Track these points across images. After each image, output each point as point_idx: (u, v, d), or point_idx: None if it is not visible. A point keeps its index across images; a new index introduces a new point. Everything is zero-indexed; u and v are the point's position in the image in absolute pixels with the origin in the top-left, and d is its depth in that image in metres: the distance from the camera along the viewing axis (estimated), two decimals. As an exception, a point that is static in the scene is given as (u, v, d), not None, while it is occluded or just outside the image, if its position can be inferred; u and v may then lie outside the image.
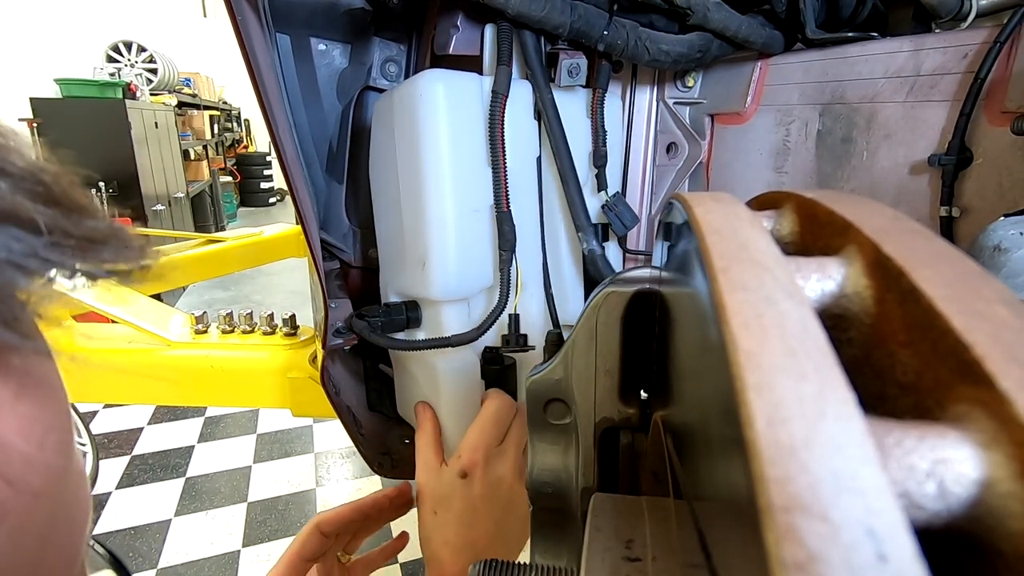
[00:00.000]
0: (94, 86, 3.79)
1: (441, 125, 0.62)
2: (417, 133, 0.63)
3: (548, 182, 0.74)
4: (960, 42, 0.57)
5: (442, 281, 0.66)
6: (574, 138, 0.71)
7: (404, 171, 0.67)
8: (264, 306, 3.60)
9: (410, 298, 0.72)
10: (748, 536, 0.11)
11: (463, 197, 0.65)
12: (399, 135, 0.66)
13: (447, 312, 0.69)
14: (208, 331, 1.07)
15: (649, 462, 0.33)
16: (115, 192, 3.66)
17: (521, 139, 0.70)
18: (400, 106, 0.65)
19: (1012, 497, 0.11)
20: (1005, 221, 0.45)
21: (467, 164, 0.65)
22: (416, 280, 0.68)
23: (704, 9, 0.69)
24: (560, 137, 0.69)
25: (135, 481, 2.19)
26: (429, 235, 0.65)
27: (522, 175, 0.71)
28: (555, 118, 0.69)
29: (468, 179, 0.65)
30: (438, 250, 0.65)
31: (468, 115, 0.65)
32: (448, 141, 0.63)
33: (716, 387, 0.14)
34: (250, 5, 0.55)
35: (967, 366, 0.13)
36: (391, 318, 0.70)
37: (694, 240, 0.19)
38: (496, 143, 0.65)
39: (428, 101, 0.61)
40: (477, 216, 0.67)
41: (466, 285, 0.68)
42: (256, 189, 7.84)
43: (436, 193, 0.64)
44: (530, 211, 0.73)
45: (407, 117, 0.64)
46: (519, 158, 0.70)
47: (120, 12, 5.50)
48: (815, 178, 0.73)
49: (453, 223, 0.65)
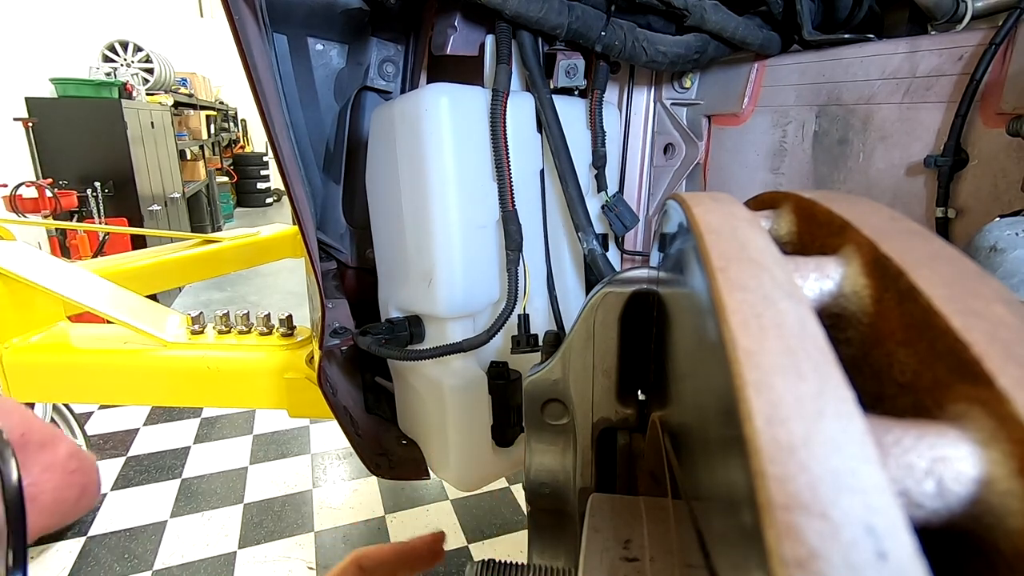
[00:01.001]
0: (90, 86, 3.78)
1: (446, 140, 0.61)
2: (421, 148, 0.62)
3: (550, 192, 0.74)
4: (956, 44, 0.57)
5: (448, 298, 0.65)
6: (573, 140, 0.71)
7: (407, 186, 0.66)
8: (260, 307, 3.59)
9: (412, 313, 0.72)
10: (748, 534, 0.11)
11: (469, 213, 0.64)
12: (401, 149, 0.66)
13: (452, 327, 0.68)
14: (204, 332, 1.06)
15: (647, 462, 0.33)
16: (111, 192, 3.65)
17: (524, 151, 0.70)
18: (402, 120, 0.64)
19: (1010, 495, 0.11)
20: (1001, 222, 0.45)
21: (473, 179, 0.64)
22: (420, 296, 0.67)
23: (701, 10, 0.69)
24: (559, 137, 0.69)
25: (130, 482, 2.18)
26: (435, 252, 0.64)
27: (526, 186, 0.71)
28: (553, 118, 0.68)
29: (474, 195, 0.65)
30: (444, 267, 0.64)
31: (473, 129, 0.64)
32: (453, 156, 0.62)
33: (715, 386, 0.14)
34: (247, 5, 0.55)
35: (965, 365, 0.13)
36: (395, 334, 0.70)
37: (692, 240, 0.19)
38: (499, 142, 0.64)
39: (432, 116, 0.61)
40: (483, 232, 0.66)
41: (473, 301, 0.68)
42: (253, 189, 7.82)
43: (441, 209, 0.63)
44: (534, 222, 0.73)
45: (410, 131, 0.63)
46: (522, 170, 0.69)
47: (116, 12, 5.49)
48: (811, 179, 0.73)
49: (459, 240, 0.64)
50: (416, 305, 0.70)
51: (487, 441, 0.74)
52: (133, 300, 1.07)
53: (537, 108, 0.69)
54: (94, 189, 3.54)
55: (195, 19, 7.34)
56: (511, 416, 0.73)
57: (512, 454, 0.77)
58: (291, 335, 1.05)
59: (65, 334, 1.05)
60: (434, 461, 0.79)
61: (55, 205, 3.14)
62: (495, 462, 0.76)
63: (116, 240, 3.34)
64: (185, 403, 1.08)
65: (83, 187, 3.52)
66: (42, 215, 3.11)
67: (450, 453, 0.72)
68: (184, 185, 5.01)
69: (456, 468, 0.74)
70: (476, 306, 0.69)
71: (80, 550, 1.80)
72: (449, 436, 0.71)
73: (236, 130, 8.09)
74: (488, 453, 0.74)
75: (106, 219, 3.57)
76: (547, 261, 0.74)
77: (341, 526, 1.97)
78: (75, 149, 3.62)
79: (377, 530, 1.93)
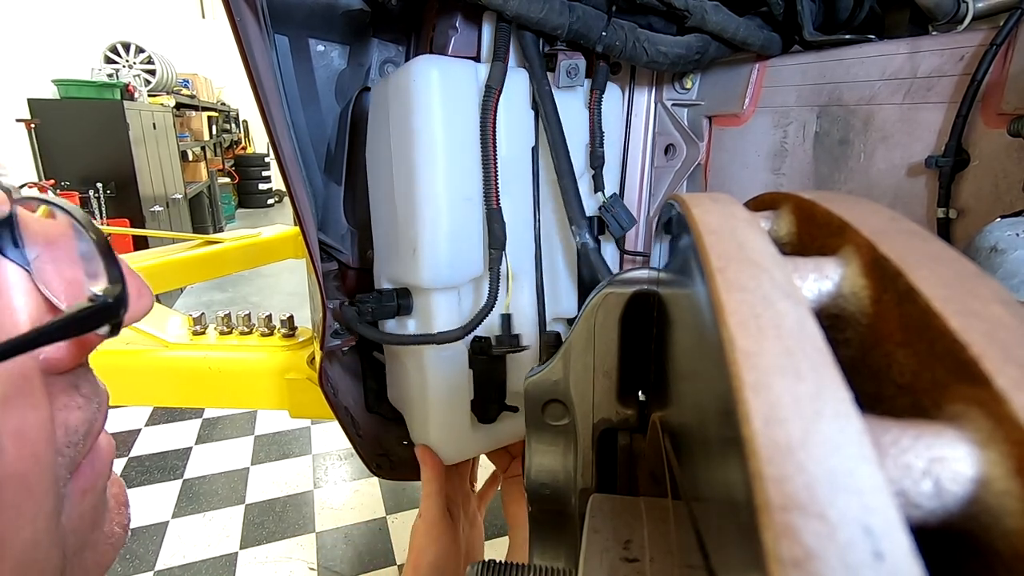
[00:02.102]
0: (92, 87, 3.79)
1: (435, 111, 0.62)
2: (411, 118, 0.62)
3: (543, 176, 0.74)
4: (957, 44, 0.57)
5: (432, 268, 0.66)
6: (572, 136, 0.71)
7: (397, 157, 0.67)
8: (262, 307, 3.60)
9: (402, 285, 0.72)
10: (745, 535, 0.11)
11: (456, 184, 0.65)
12: (393, 121, 0.66)
13: (437, 301, 0.69)
14: (206, 332, 1.06)
15: (647, 463, 0.33)
16: (113, 193, 3.66)
17: (516, 128, 0.70)
18: (394, 92, 0.65)
19: (1008, 495, 0.11)
20: (1002, 222, 0.45)
21: (461, 151, 0.65)
22: (407, 267, 0.68)
23: (702, 11, 0.69)
24: (557, 130, 0.69)
25: (132, 483, 2.19)
26: (421, 221, 0.65)
27: (517, 164, 0.71)
28: (552, 111, 0.68)
29: (461, 166, 0.65)
30: (429, 237, 0.65)
31: (463, 102, 0.64)
32: (442, 127, 0.62)
33: (714, 387, 0.14)
34: (248, 6, 0.55)
35: (964, 365, 0.13)
36: (382, 304, 0.70)
37: (692, 240, 0.19)
38: (487, 139, 0.64)
39: (422, 86, 0.61)
40: (469, 204, 0.67)
41: (457, 273, 0.68)
42: (254, 190, 7.83)
43: (428, 179, 0.63)
44: (524, 202, 0.73)
45: (401, 102, 0.64)
46: (514, 147, 0.70)
47: (118, 13, 5.50)
48: (812, 180, 0.73)
49: (445, 210, 0.64)
50: (403, 276, 0.70)
51: (466, 414, 0.75)
52: (135, 301, 1.07)
53: (534, 98, 0.69)
54: (96, 190, 3.55)
55: (197, 20, 7.36)
56: (492, 393, 0.74)
57: (492, 432, 0.78)
58: (292, 336, 1.05)
59: (67, 335, 1.05)
60: (415, 431, 0.80)
61: (57, 206, 3.15)
62: (475, 438, 0.77)
63: (118, 241, 3.35)
64: (187, 404, 1.08)
65: (85, 188, 3.53)
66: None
67: (429, 423, 0.74)
68: (186, 186, 5.02)
69: (434, 438, 0.75)
70: (460, 278, 0.69)
71: (82, 550, 1.81)
72: (428, 405, 0.72)
73: (238, 131, 8.11)
74: (467, 427, 0.75)
75: (108, 220, 3.58)
76: (537, 251, 0.74)
77: (342, 527, 1.97)
78: (77, 150, 3.63)
79: (378, 531, 1.94)
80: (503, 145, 0.67)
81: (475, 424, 0.76)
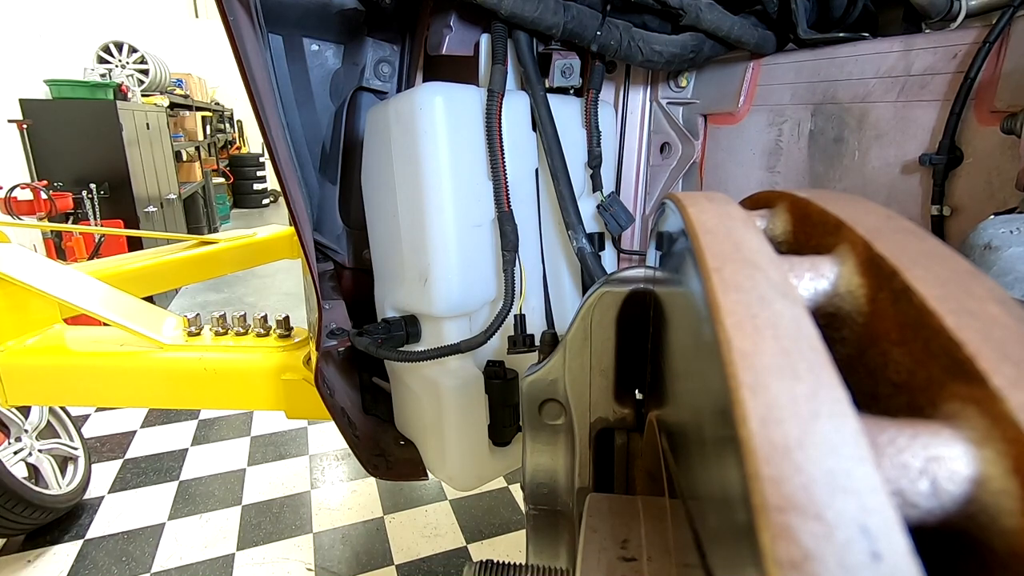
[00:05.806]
0: (85, 87, 3.77)
1: (440, 139, 0.61)
2: (416, 148, 0.62)
3: (544, 192, 0.74)
4: (950, 42, 0.57)
5: (445, 297, 0.65)
6: (568, 140, 0.71)
7: (403, 185, 0.66)
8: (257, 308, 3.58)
9: (408, 313, 0.72)
10: (743, 535, 0.11)
11: (464, 212, 0.64)
12: (396, 149, 0.66)
13: (448, 327, 0.68)
14: (201, 333, 1.06)
15: (644, 462, 0.33)
16: (106, 194, 3.63)
17: (520, 151, 0.70)
18: (397, 119, 0.64)
19: (1005, 494, 0.11)
20: (995, 219, 0.45)
21: (468, 179, 0.64)
22: (416, 296, 0.67)
23: (696, 10, 0.69)
24: (552, 136, 0.69)
25: (128, 485, 2.17)
26: (431, 251, 0.64)
27: (521, 186, 0.71)
28: (547, 115, 0.68)
29: (469, 194, 0.65)
30: (440, 266, 0.64)
31: (468, 128, 0.64)
32: (448, 156, 0.62)
33: (710, 387, 0.14)
34: (242, 5, 0.55)
35: (959, 364, 0.13)
36: (391, 333, 0.70)
37: (688, 240, 0.19)
38: (494, 142, 0.64)
39: (427, 115, 0.61)
40: (479, 231, 0.66)
41: (469, 300, 0.68)
42: (249, 191, 7.80)
43: (437, 209, 0.63)
44: (529, 221, 0.73)
45: (405, 131, 0.63)
46: (518, 169, 0.70)
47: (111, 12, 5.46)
48: (807, 178, 0.73)
49: (455, 239, 0.64)
50: (412, 305, 0.70)
51: (484, 441, 0.74)
52: (129, 302, 1.07)
53: (532, 107, 0.69)
54: (89, 191, 3.53)
55: (190, 20, 7.32)
56: (508, 416, 0.73)
57: (509, 454, 0.77)
58: (288, 336, 1.05)
59: (61, 337, 1.04)
60: (431, 461, 0.78)
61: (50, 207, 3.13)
62: (492, 462, 0.76)
63: (112, 242, 3.33)
64: (182, 405, 1.08)
65: (78, 189, 3.51)
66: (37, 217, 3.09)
67: (447, 453, 0.72)
68: (180, 186, 4.99)
69: (453, 468, 0.74)
70: (472, 305, 0.69)
71: (77, 553, 1.80)
72: (446, 436, 0.71)
73: (232, 131, 8.07)
74: (485, 453, 0.74)
75: (102, 221, 3.55)
76: (541, 260, 0.74)
77: (339, 527, 1.97)
78: (70, 151, 3.60)
79: (376, 531, 1.93)
80: (508, 169, 0.66)
81: (491, 448, 0.75)
